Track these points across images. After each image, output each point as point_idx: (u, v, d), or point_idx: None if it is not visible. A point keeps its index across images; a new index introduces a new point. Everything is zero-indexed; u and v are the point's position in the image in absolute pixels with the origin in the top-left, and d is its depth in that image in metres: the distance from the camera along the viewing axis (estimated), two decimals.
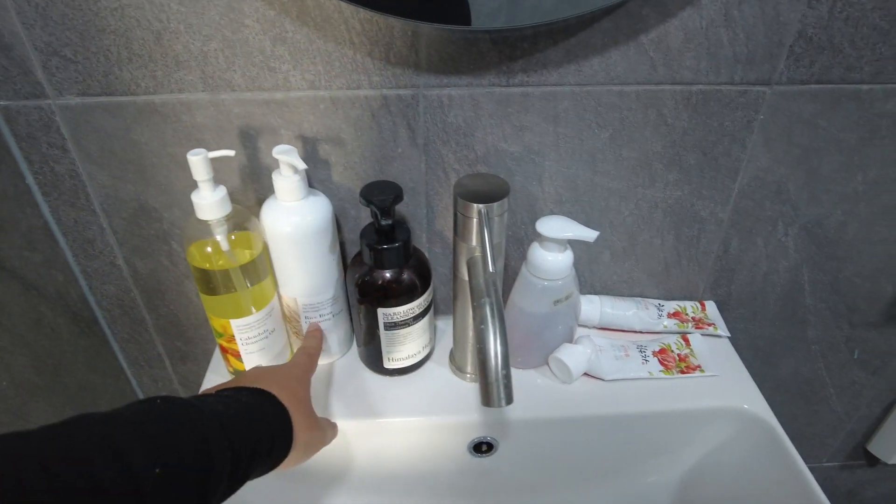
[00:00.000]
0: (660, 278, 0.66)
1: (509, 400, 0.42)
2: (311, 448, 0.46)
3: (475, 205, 0.47)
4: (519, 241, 0.62)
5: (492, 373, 0.42)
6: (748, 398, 0.58)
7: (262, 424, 0.40)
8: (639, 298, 0.66)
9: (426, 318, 0.56)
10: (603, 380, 0.59)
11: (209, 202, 0.49)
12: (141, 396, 0.73)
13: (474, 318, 0.44)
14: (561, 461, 0.60)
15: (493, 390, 0.42)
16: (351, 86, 0.51)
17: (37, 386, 0.56)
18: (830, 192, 0.61)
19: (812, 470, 0.98)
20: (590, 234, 0.52)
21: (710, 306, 0.67)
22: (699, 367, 0.60)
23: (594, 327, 0.65)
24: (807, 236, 0.64)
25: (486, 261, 0.46)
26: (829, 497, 1.03)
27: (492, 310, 0.44)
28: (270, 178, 0.51)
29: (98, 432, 0.29)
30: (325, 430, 0.49)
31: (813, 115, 0.55)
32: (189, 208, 0.50)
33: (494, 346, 0.42)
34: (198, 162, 0.47)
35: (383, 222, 0.48)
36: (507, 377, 0.42)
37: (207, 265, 0.51)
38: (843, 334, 0.75)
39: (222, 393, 0.41)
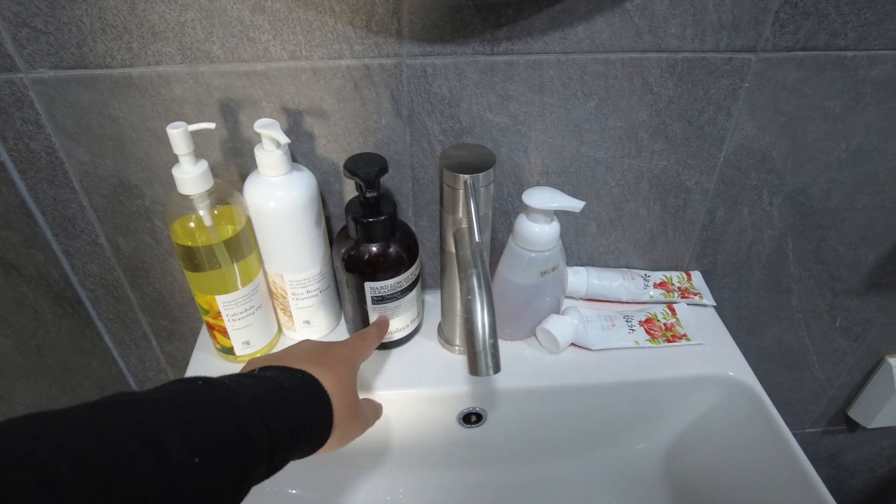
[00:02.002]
0: (646, 249, 0.66)
1: (497, 368, 0.42)
2: (350, 436, 0.44)
3: (461, 175, 0.46)
4: (506, 214, 0.62)
5: (479, 342, 0.42)
6: (733, 366, 0.59)
7: (303, 412, 0.38)
8: (625, 269, 0.67)
9: (414, 292, 0.56)
10: (590, 350, 0.59)
11: (190, 176, 0.48)
12: (128, 377, 0.73)
13: (461, 289, 0.44)
14: (549, 431, 0.61)
15: (481, 359, 0.42)
16: (332, 55, 0.50)
17: (20, 367, 0.56)
18: (815, 160, 0.61)
19: (795, 436, 1.01)
20: (576, 205, 0.52)
21: (696, 276, 0.68)
22: (685, 335, 0.61)
23: (581, 298, 0.65)
24: (791, 205, 0.65)
25: (472, 232, 0.46)
26: (812, 462, 1.06)
27: (479, 280, 0.44)
28: (253, 153, 0.50)
29: (135, 417, 0.28)
30: (367, 416, 0.47)
31: (798, 82, 0.55)
32: (171, 184, 0.49)
33: (482, 316, 0.42)
34: (177, 135, 0.46)
35: (368, 195, 0.47)
36: (495, 346, 0.42)
37: (190, 241, 0.50)
38: (825, 302, 0.76)
39: (264, 374, 0.39)
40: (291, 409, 0.37)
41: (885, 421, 0.89)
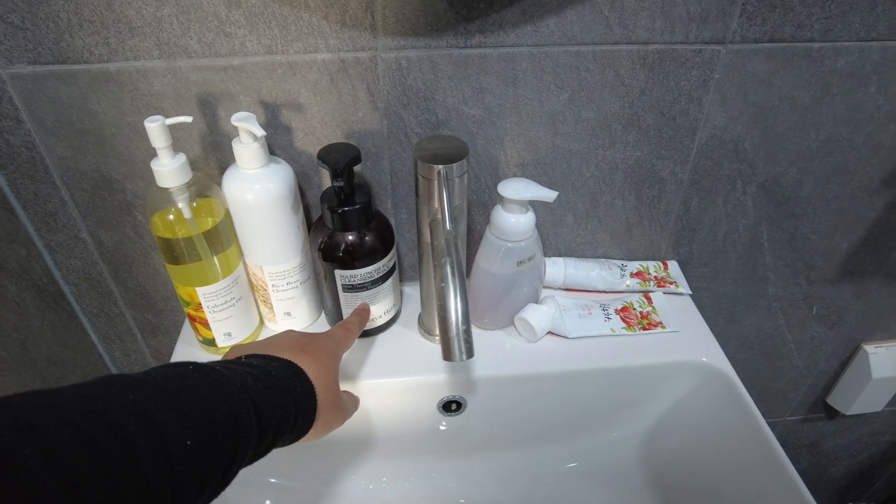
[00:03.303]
0: (622, 239, 0.67)
1: (470, 354, 0.43)
2: (331, 426, 0.45)
3: (435, 166, 0.47)
4: (484, 206, 0.63)
5: (452, 328, 0.43)
6: (707, 352, 0.60)
7: (289, 401, 0.39)
8: (602, 259, 0.68)
9: (389, 282, 0.57)
10: (567, 338, 0.60)
11: (169, 169, 0.49)
12: (114, 370, 0.73)
13: (435, 277, 0.45)
14: (529, 418, 0.62)
15: (454, 345, 0.43)
16: (308, 49, 0.50)
17: (3, 360, 0.56)
18: (786, 150, 0.62)
19: (776, 424, 1.03)
20: (549, 195, 0.53)
21: (673, 265, 0.69)
22: (661, 323, 0.62)
23: (559, 288, 0.66)
24: (764, 195, 0.66)
25: (449, 221, 0.47)
26: (793, 449, 1.08)
27: (452, 268, 0.44)
28: (231, 146, 0.51)
29: (131, 397, 0.29)
30: (347, 408, 0.48)
31: (767, 73, 0.56)
32: (151, 178, 0.50)
33: (455, 303, 0.43)
34: (155, 129, 0.47)
35: (336, 183, 0.48)
36: (468, 332, 0.43)
37: (170, 234, 0.51)
38: (801, 291, 0.78)
39: (251, 361, 0.40)
40: (279, 396, 0.38)
41: (862, 408, 0.90)
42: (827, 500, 1.17)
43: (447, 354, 0.44)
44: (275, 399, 0.37)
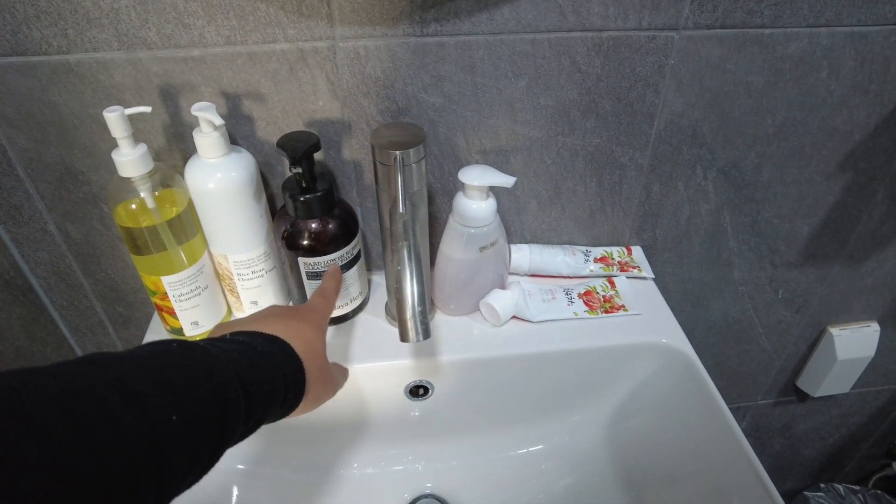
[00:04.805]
0: (586, 225, 0.69)
1: (426, 335, 0.44)
2: (321, 399, 0.45)
3: (392, 152, 0.48)
4: (448, 194, 0.64)
5: (408, 310, 0.44)
6: (668, 334, 0.62)
7: (277, 376, 0.39)
8: (567, 245, 0.69)
9: (354, 269, 0.58)
10: (531, 322, 0.62)
11: (129, 159, 0.49)
12: None
13: (392, 261, 0.46)
14: (495, 401, 0.63)
15: (410, 326, 0.44)
16: (266, 40, 0.51)
17: None
18: (743, 134, 0.64)
19: (748, 408, 1.04)
20: (508, 181, 0.54)
21: (637, 251, 0.70)
22: (623, 306, 0.64)
23: (525, 274, 0.68)
24: (725, 179, 0.67)
25: (403, 206, 0.48)
26: (766, 433, 1.10)
27: (408, 252, 0.45)
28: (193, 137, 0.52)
29: (116, 374, 0.29)
30: (337, 380, 0.48)
31: (721, 59, 0.58)
32: (115, 169, 0.51)
33: (411, 286, 0.44)
34: (114, 119, 0.47)
35: (294, 170, 0.49)
36: (424, 314, 0.44)
37: (133, 223, 0.52)
38: (766, 275, 0.79)
39: (237, 338, 0.39)
40: (266, 372, 0.38)
41: (829, 389, 0.92)
42: (801, 482, 1.19)
43: (404, 336, 0.44)
44: (263, 375, 0.37)
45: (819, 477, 1.19)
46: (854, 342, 0.87)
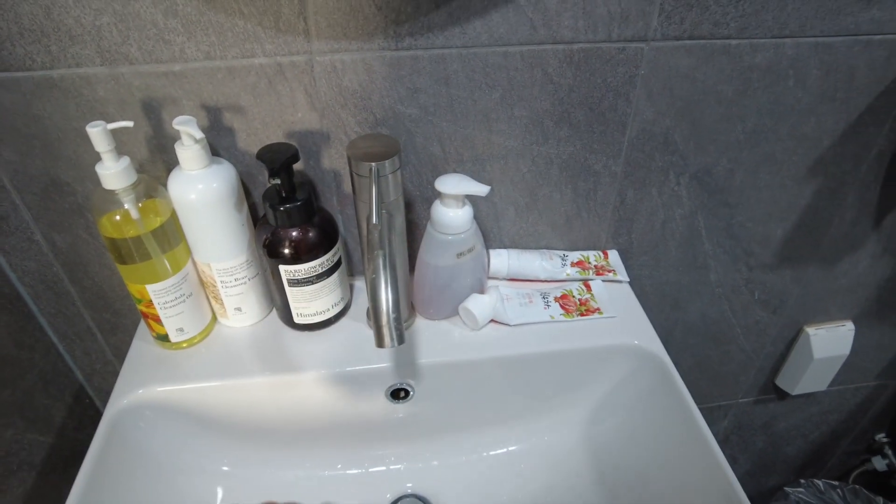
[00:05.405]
0: (563, 231, 0.70)
1: (400, 340, 0.46)
2: None
3: (367, 163, 0.50)
4: (427, 202, 0.65)
5: (383, 316, 0.45)
6: (640, 335, 0.63)
7: None
8: (545, 250, 0.71)
9: (334, 276, 0.59)
10: (508, 325, 0.63)
11: (112, 172, 0.50)
12: (75, 370, 0.75)
13: (367, 270, 0.48)
14: (475, 402, 0.64)
15: (385, 332, 0.45)
16: (245, 55, 0.53)
17: None
18: (715, 141, 0.65)
19: (729, 406, 1.06)
20: (482, 189, 0.56)
21: (613, 255, 0.72)
22: (598, 309, 0.65)
23: (504, 279, 0.69)
24: (698, 185, 0.69)
25: (379, 216, 0.49)
26: (748, 430, 1.12)
27: (384, 260, 0.47)
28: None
29: None
30: None
31: (690, 69, 0.59)
32: (99, 181, 0.52)
33: (385, 293, 0.46)
34: (96, 134, 0.49)
35: (273, 181, 0.51)
36: (398, 320, 0.46)
37: (117, 234, 0.53)
38: (742, 277, 0.81)
39: None
40: None
41: (807, 387, 0.94)
42: (784, 478, 1.21)
43: (379, 342, 0.46)
44: None
45: (801, 473, 1.21)
46: (830, 341, 0.89)
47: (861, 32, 0.59)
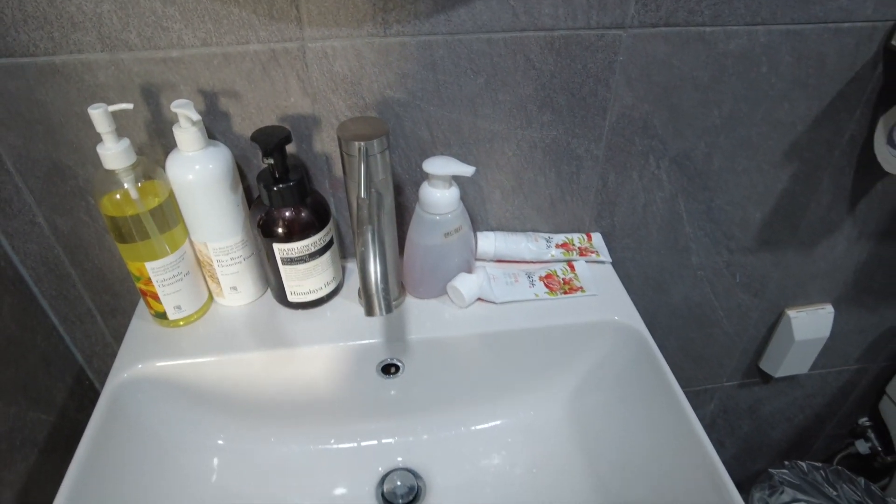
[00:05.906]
0: (547, 213, 0.73)
1: (388, 310, 0.48)
2: None
3: (356, 143, 0.52)
4: (415, 185, 0.68)
5: (371, 287, 0.48)
6: (621, 312, 0.66)
7: None
8: (531, 232, 0.73)
9: (326, 256, 0.61)
10: (494, 303, 0.66)
11: (113, 152, 0.53)
12: (75, 352, 0.77)
13: (357, 244, 0.50)
14: (463, 378, 0.67)
15: (374, 301, 0.48)
16: (240, 41, 0.55)
17: None
18: (693, 126, 0.68)
19: (714, 390, 1.09)
20: (468, 170, 0.58)
21: (596, 237, 0.75)
22: (581, 288, 0.68)
23: (491, 260, 0.72)
24: (677, 168, 0.72)
25: (364, 190, 0.52)
26: (733, 414, 1.14)
27: (372, 235, 0.49)
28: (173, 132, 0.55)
29: None
30: None
31: (667, 55, 0.62)
32: (100, 164, 0.54)
33: (374, 265, 0.48)
34: (98, 115, 0.51)
35: (267, 161, 0.53)
36: (386, 290, 0.48)
37: (118, 213, 0.55)
38: (723, 260, 0.84)
39: None
40: None
41: (789, 370, 0.97)
42: (770, 462, 1.24)
43: (369, 310, 0.48)
44: None
45: (787, 457, 1.24)
46: (810, 324, 0.92)
47: (830, 20, 0.62)
